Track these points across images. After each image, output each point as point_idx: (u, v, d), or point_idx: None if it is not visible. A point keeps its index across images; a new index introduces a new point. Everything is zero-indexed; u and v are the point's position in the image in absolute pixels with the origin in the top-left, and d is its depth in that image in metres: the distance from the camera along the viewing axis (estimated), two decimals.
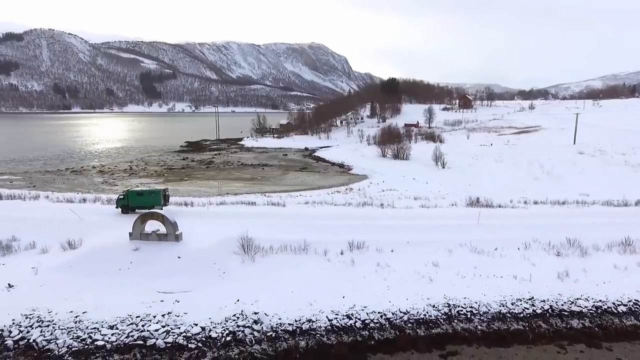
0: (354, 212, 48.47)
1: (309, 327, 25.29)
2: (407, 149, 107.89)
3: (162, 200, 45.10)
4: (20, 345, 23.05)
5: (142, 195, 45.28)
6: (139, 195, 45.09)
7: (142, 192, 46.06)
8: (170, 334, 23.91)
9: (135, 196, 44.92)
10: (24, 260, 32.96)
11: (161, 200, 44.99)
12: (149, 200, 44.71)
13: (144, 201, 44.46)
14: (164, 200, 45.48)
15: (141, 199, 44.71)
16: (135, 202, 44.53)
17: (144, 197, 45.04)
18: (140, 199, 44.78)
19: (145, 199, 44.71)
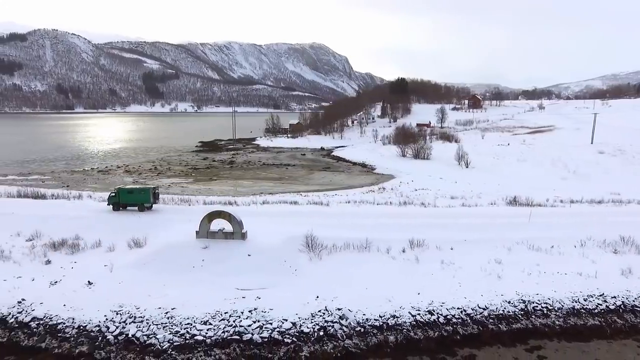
0: (398, 211, 48.92)
1: (395, 323, 25.74)
2: (428, 149, 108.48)
3: (151, 198, 45.67)
4: (119, 340, 23.48)
5: (132, 192, 45.80)
6: (129, 193, 45.73)
7: (133, 189, 46.55)
8: (264, 329, 24.34)
9: (125, 194, 45.64)
10: (94, 258, 33.39)
11: (150, 198, 45.57)
12: (138, 197, 45.43)
13: (134, 199, 45.36)
14: (153, 198, 46.09)
15: (131, 197, 45.46)
16: (125, 200, 45.37)
17: (134, 194, 45.62)
18: (131, 196, 45.49)
19: (135, 197, 45.45)
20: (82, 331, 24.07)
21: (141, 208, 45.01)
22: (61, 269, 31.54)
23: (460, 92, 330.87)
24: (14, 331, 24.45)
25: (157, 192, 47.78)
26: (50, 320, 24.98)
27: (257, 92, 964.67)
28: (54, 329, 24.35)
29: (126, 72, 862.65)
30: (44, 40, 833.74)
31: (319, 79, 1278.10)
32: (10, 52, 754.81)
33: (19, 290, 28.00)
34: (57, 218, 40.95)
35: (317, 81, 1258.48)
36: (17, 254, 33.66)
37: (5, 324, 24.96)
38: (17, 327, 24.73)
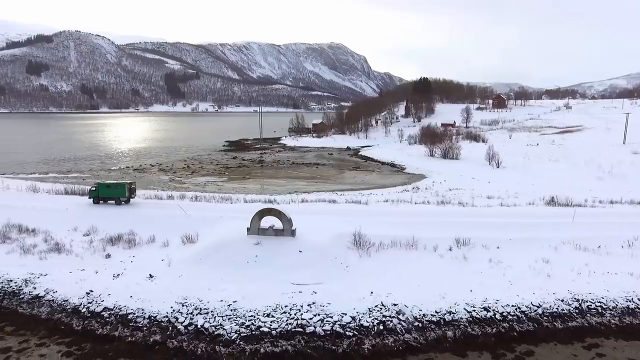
0: (437, 210, 49.24)
1: (452, 319, 26.20)
2: (457, 149, 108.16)
3: (126, 193, 48.10)
4: (190, 330, 24.50)
5: (110, 187, 48.74)
6: (107, 188, 48.67)
7: (110, 184, 49.76)
8: (325, 322, 25.06)
9: (104, 188, 48.48)
10: (150, 253, 34.73)
11: (125, 193, 48.05)
12: (115, 192, 48.08)
13: (111, 193, 48.08)
14: (128, 193, 48.43)
15: (109, 191, 48.20)
16: (104, 194, 48.06)
17: (111, 189, 48.40)
18: (109, 190, 48.26)
19: (112, 191, 48.16)
20: (153, 321, 25.17)
21: (118, 202, 47.73)
22: (121, 262, 32.90)
23: (483, 92, 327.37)
24: (87, 320, 25.71)
25: (134, 188, 50.41)
26: (120, 311, 26.16)
27: (277, 91, 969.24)
28: (125, 319, 25.52)
29: (148, 73, 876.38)
30: (69, 41, 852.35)
31: (338, 79, 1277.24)
32: (37, 53, 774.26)
33: (86, 282, 29.32)
34: (109, 214, 42.56)
35: (336, 81, 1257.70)
36: (77, 248, 35.20)
37: (79, 313, 26.24)
38: (89, 316, 25.99)
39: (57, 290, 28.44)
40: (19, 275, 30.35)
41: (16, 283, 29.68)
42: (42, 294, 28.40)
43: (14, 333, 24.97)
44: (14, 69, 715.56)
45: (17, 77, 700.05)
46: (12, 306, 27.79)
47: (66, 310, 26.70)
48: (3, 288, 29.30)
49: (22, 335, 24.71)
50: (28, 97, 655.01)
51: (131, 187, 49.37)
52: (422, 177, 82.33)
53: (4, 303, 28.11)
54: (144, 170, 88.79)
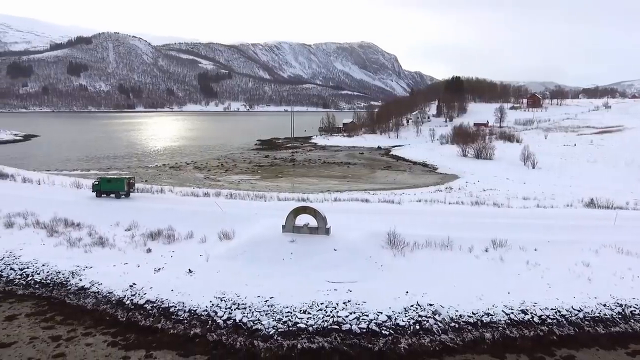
0: (472, 210, 48.51)
1: (489, 320, 25.91)
2: (491, 149, 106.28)
3: (125, 187, 50.21)
4: (228, 324, 25.12)
5: (110, 182, 51.19)
6: (108, 182, 51.11)
7: (111, 179, 52.40)
8: (361, 321, 25.23)
9: (105, 183, 50.92)
10: (189, 248, 35.71)
11: (124, 187, 50.18)
12: (115, 186, 50.37)
13: (112, 187, 50.38)
14: (127, 187, 50.50)
15: (110, 185, 50.57)
16: (105, 188, 50.32)
17: (112, 183, 50.79)
18: (109, 185, 50.63)
19: (112, 185, 50.52)
20: (193, 315, 25.93)
21: (117, 195, 49.86)
22: (161, 257, 33.97)
23: (517, 91, 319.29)
24: (131, 312, 26.70)
25: (133, 182, 52.52)
26: (162, 304, 27.06)
27: (307, 91, 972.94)
28: (167, 312, 26.38)
29: (182, 73, 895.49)
30: (108, 42, 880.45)
31: (368, 78, 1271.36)
32: (77, 54, 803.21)
33: (128, 276, 30.45)
34: (148, 210, 43.89)
35: (366, 80, 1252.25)
36: (120, 242, 36.58)
37: (123, 305, 27.29)
38: (133, 308, 26.99)
39: (102, 283, 29.65)
40: (66, 267, 31.83)
41: (64, 275, 31.13)
42: (87, 285, 29.68)
43: (62, 322, 26.15)
44: (56, 69, 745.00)
45: (59, 77, 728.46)
46: (60, 296, 29.14)
47: (111, 302, 27.81)
48: (52, 279, 30.79)
49: (70, 325, 25.85)
50: (69, 97, 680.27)
51: (130, 181, 51.84)
52: (455, 177, 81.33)
53: (53, 293, 29.51)
54: (180, 168, 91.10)
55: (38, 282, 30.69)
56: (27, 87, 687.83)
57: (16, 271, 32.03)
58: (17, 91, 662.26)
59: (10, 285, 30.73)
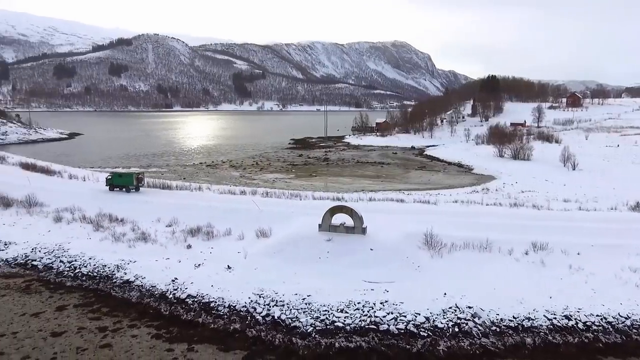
0: (510, 212, 47.39)
1: (531, 325, 25.32)
2: (529, 149, 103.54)
3: (134, 182, 53.71)
4: (267, 320, 25.54)
5: (121, 177, 55.00)
6: (119, 177, 54.92)
7: (122, 174, 56.52)
8: (398, 321, 25.15)
9: (117, 177, 54.78)
10: (228, 245, 36.50)
11: (133, 182, 53.69)
12: (125, 181, 53.94)
13: (122, 181, 53.96)
14: (136, 182, 53.99)
15: (121, 180, 54.15)
16: (117, 182, 53.96)
17: (122, 178, 54.49)
18: (120, 179, 54.27)
19: (123, 180, 54.08)
20: (233, 310, 26.49)
21: (127, 189, 53.39)
22: (201, 253, 34.86)
23: (556, 90, 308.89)
24: (174, 306, 27.52)
25: (142, 177, 56.00)
26: (202, 299, 27.76)
27: (339, 90, 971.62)
28: (208, 307, 27.05)
29: (218, 73, 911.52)
30: (147, 44, 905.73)
31: (401, 77, 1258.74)
32: (118, 55, 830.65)
33: (170, 270, 31.38)
34: (188, 207, 45.05)
35: (399, 79, 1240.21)
36: (161, 238, 37.73)
37: (166, 299, 28.16)
38: (175, 302, 27.81)
39: (145, 277, 30.67)
40: (111, 261, 33.09)
41: (109, 268, 32.37)
42: (132, 279, 30.76)
43: (108, 314, 27.18)
44: (99, 70, 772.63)
45: (100, 78, 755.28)
46: (106, 289, 30.32)
47: (154, 296, 28.73)
48: (99, 272, 32.07)
49: (115, 317, 26.84)
50: (110, 97, 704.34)
51: (139, 176, 55.23)
52: (492, 178, 79.64)
53: (99, 286, 30.74)
54: (216, 166, 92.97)
55: (85, 275, 32.04)
56: (71, 87, 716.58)
57: (65, 264, 33.56)
58: (62, 91, 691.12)
59: (60, 277, 32.20)
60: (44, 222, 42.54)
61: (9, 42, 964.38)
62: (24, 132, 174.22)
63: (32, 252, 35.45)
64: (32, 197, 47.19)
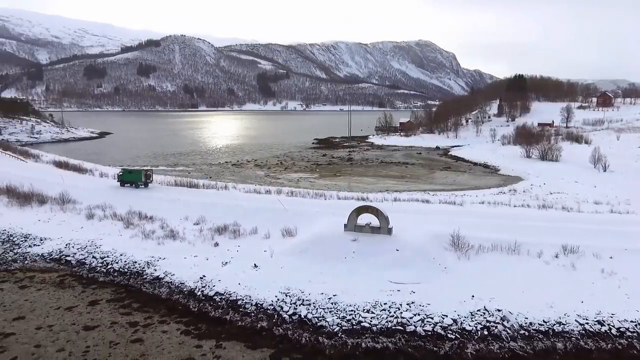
0: (539, 214, 46.58)
1: (561, 330, 24.84)
2: (557, 150, 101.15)
3: (142, 178, 56.69)
4: (294, 319, 25.74)
5: (131, 173, 58.10)
6: (129, 173, 57.97)
7: (132, 171, 59.39)
8: (425, 323, 25.00)
9: (127, 174, 57.89)
10: (253, 243, 36.93)
11: (142, 178, 56.67)
12: (134, 177, 57.09)
13: (131, 178, 57.01)
14: (144, 178, 56.91)
15: (130, 176, 57.28)
16: (126, 178, 57.05)
17: (132, 175, 57.60)
18: (130, 176, 57.36)
19: (132, 176, 57.18)
20: (260, 308, 26.80)
21: (136, 185, 56.40)
22: (228, 251, 35.34)
23: (585, 89, 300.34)
24: (202, 303, 28.00)
25: (150, 174, 58.87)
26: (230, 296, 28.17)
27: (363, 90, 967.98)
28: (235, 304, 27.43)
29: (243, 73, 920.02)
30: (174, 45, 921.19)
31: (425, 77, 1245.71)
32: (147, 56, 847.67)
33: (198, 268, 31.96)
34: (215, 206, 45.73)
35: (423, 79, 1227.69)
36: (189, 236, 38.42)
37: (194, 296, 28.68)
38: (204, 299, 28.29)
39: (175, 274, 31.31)
40: (142, 258, 33.89)
41: (140, 264, 33.17)
42: (161, 275, 31.44)
43: (139, 309, 27.81)
44: (127, 71, 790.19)
45: (129, 78, 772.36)
46: (137, 285, 31.04)
47: (183, 292, 29.29)
48: (129, 268, 32.89)
49: (146, 312, 27.44)
50: (138, 97, 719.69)
51: (147, 173, 58.24)
52: (519, 179, 78.12)
53: (130, 282, 31.50)
54: (241, 165, 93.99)
55: (117, 271, 32.89)
56: (101, 87, 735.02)
57: (97, 259, 34.52)
58: (92, 91, 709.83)
59: (92, 273, 33.13)
60: (77, 218, 43.90)
61: (43, 44, 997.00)
62: (57, 131, 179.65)
63: (66, 248, 36.59)
64: (65, 195, 48.67)
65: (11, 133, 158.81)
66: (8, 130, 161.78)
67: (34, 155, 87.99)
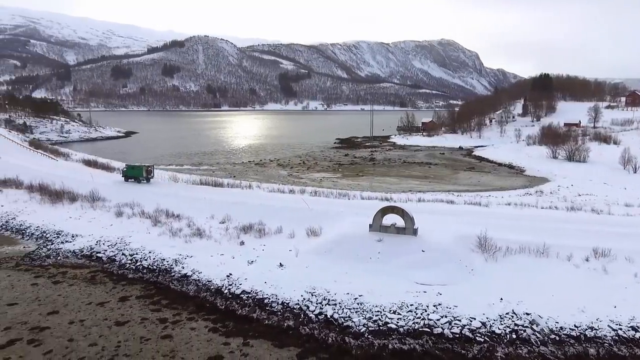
0: (567, 216, 45.55)
1: (594, 335, 24.27)
2: (585, 151, 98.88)
3: (143, 173, 59.50)
4: (320, 319, 25.81)
5: (133, 169, 60.76)
6: (132, 169, 60.77)
7: (134, 166, 61.80)
8: (453, 325, 24.77)
9: (131, 169, 60.84)
10: (278, 243, 37.16)
11: (143, 174, 59.47)
12: (136, 172, 59.89)
13: (134, 173, 59.93)
14: (146, 173, 59.70)
15: (133, 172, 60.15)
16: (130, 174, 60.03)
17: (134, 170, 60.40)
18: (133, 171, 60.28)
19: (134, 172, 60.01)
20: (286, 307, 26.96)
21: (138, 180, 59.38)
22: (254, 250, 35.65)
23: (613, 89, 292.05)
24: (229, 301, 28.32)
25: (150, 170, 61.34)
26: (256, 295, 28.41)
27: (384, 90, 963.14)
28: (262, 303, 27.66)
29: (265, 73, 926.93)
30: (198, 45, 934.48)
31: (447, 76, 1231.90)
32: (171, 57, 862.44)
33: (225, 266, 32.33)
34: (240, 205, 46.19)
35: (445, 78, 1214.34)
36: (216, 234, 38.93)
37: (222, 294, 29.04)
38: (230, 297, 28.62)
39: (202, 272, 31.75)
40: (170, 255, 34.48)
41: (168, 262, 33.74)
42: (189, 273, 31.91)
43: (168, 306, 28.30)
44: (153, 71, 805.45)
45: (154, 78, 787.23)
46: (165, 282, 31.61)
47: (210, 290, 29.69)
48: (158, 265, 33.51)
49: (175, 309, 27.91)
50: (163, 97, 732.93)
51: (148, 169, 60.82)
52: (545, 180, 76.69)
53: (159, 279, 32.09)
54: (264, 165, 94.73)
55: (146, 268, 33.54)
56: (127, 87, 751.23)
57: (127, 256, 35.28)
58: (118, 91, 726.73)
59: (122, 269, 33.87)
60: (106, 216, 44.98)
61: (71, 45, 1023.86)
62: (85, 131, 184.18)
63: (97, 245, 37.51)
64: (95, 192, 49.90)
65: (42, 132, 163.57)
66: (39, 129, 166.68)
67: (64, 153, 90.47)
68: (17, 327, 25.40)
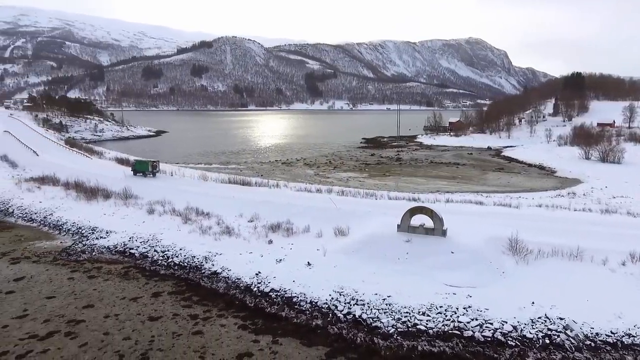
0: (602, 219, 44.15)
1: (632, 342, 23.55)
2: (620, 151, 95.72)
3: (149, 168, 64.51)
4: (348, 319, 25.88)
5: (141, 163, 65.80)
6: (140, 164, 65.78)
7: (142, 161, 66.97)
8: (484, 328, 24.44)
9: (138, 164, 65.87)
10: (306, 242, 37.29)
11: (149, 168, 64.52)
12: (143, 167, 64.90)
13: (141, 167, 64.85)
14: (151, 168, 64.69)
15: (140, 166, 65.17)
16: (138, 168, 65.09)
17: (141, 165, 65.43)
18: (140, 166, 65.26)
19: (142, 166, 65.01)
20: (314, 306, 27.13)
21: (144, 174, 64.13)
22: (282, 249, 35.94)
23: None
24: (258, 299, 28.68)
25: (156, 165, 66.09)
26: (285, 293, 28.69)
27: (410, 89, 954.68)
28: (290, 301, 27.92)
29: (291, 73, 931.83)
30: (226, 46, 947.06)
31: (475, 75, 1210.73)
32: (199, 57, 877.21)
33: (254, 264, 32.73)
34: (268, 203, 46.63)
35: (472, 77, 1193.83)
36: (244, 232, 39.42)
37: (251, 292, 29.43)
38: (260, 295, 28.98)
39: (231, 269, 32.25)
40: (200, 253, 35.14)
41: (198, 259, 34.40)
42: (219, 270, 32.47)
43: (198, 303, 28.84)
44: (182, 72, 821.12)
45: (183, 79, 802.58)
46: (196, 279, 32.23)
47: (239, 288, 30.13)
48: (188, 262, 34.20)
49: (205, 305, 28.42)
50: (191, 97, 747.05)
51: (153, 164, 65.54)
52: (578, 181, 74.57)
53: (189, 275, 32.74)
54: (291, 164, 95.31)
55: (177, 264, 34.28)
56: (157, 87, 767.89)
57: (159, 253, 36.14)
58: (149, 91, 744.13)
59: (154, 266, 34.70)
60: (139, 213, 46.13)
61: (104, 46, 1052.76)
62: (117, 130, 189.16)
63: (130, 241, 38.55)
64: (128, 190, 51.25)
65: (77, 131, 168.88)
66: (74, 128, 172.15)
67: (98, 152, 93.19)
68: (55, 319, 26.35)
